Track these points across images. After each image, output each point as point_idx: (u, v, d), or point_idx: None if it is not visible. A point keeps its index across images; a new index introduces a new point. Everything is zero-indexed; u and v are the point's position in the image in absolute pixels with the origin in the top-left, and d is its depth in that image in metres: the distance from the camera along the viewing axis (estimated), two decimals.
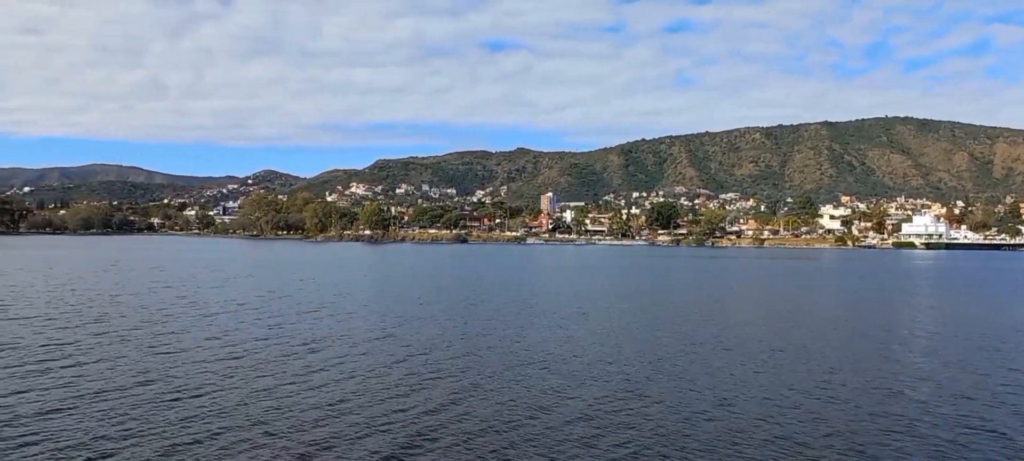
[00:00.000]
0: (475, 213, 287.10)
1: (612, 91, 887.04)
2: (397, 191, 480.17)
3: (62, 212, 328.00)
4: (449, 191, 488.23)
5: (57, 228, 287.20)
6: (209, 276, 65.75)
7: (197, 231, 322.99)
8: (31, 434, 15.93)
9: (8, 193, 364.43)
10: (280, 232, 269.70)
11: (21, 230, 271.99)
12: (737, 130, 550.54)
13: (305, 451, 15.35)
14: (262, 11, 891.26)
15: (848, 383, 22.30)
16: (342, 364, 24.11)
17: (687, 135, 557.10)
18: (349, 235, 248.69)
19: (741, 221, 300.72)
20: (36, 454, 14.79)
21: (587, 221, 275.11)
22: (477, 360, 25.26)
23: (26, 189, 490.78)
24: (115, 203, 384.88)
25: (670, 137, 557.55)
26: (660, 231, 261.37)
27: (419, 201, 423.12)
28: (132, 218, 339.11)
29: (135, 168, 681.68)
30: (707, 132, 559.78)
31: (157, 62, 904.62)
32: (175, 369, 22.79)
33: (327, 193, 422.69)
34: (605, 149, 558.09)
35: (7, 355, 24.62)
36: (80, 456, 14.72)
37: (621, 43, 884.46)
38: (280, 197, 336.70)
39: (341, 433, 16.51)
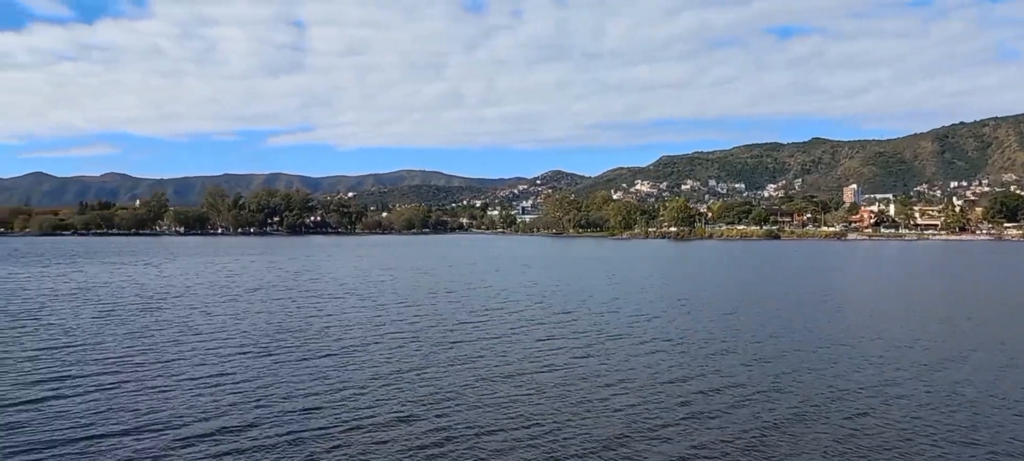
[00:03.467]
0: (784, 208, 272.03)
1: (916, 71, 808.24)
2: (682, 187, 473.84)
3: (385, 214, 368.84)
4: (737, 186, 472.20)
5: (385, 228, 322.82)
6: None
7: (501, 230, 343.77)
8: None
9: (336, 198, 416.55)
10: (581, 230, 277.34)
11: (357, 231, 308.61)
12: None
13: None
14: (549, 19, 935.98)
15: None
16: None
17: (1016, 115, 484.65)
18: (654, 233, 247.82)
19: None
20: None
21: (916, 214, 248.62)
22: None
23: (349, 194, 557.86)
24: (425, 205, 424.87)
25: (995, 119, 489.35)
26: (1007, 224, 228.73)
27: (706, 197, 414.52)
28: (445, 219, 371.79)
29: (436, 172, 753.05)
30: None
31: (456, 74, 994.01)
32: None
33: (612, 191, 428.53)
34: (914, 135, 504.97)
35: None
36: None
37: (928, 17, 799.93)
38: (570, 196, 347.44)
39: None
